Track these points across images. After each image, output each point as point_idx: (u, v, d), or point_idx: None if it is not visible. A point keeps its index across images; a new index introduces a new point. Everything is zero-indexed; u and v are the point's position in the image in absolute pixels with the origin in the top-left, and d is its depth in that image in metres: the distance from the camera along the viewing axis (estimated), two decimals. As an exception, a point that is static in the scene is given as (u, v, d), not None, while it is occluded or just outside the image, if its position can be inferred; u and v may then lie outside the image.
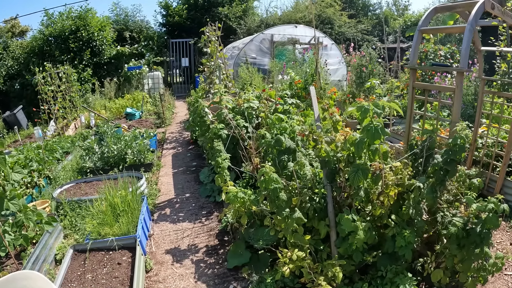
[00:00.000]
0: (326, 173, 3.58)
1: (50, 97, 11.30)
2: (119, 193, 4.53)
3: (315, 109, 3.87)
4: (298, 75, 8.51)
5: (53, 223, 4.17)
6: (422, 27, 4.72)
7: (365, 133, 2.99)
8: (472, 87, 9.74)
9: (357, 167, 3.19)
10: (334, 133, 3.67)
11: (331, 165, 3.54)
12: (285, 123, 4.00)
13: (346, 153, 3.44)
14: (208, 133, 5.52)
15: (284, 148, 3.71)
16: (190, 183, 6.42)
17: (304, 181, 3.59)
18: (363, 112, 2.94)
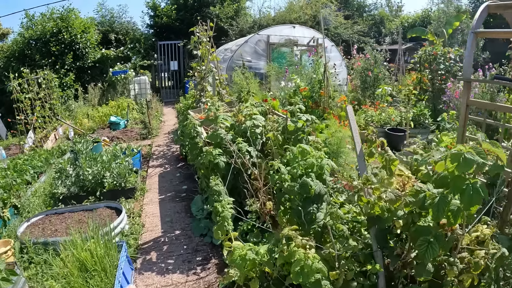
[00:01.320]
0: (375, 233, 2.56)
1: (27, 105, 10.16)
2: (87, 244, 3.43)
3: (356, 140, 2.84)
4: (303, 82, 7.47)
5: (13, 278, 3.13)
6: (476, 29, 3.75)
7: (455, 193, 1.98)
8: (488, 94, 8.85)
9: (428, 234, 2.21)
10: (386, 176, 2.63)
11: (385, 224, 2.52)
12: (312, 157, 2.96)
13: (408, 210, 2.43)
14: (200, 158, 4.47)
15: (312, 196, 2.68)
16: (180, 214, 5.33)
17: (345, 246, 2.56)
18: (462, 165, 1.93)
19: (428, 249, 2.23)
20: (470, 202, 1.99)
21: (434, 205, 2.22)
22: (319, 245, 2.77)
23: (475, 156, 2.01)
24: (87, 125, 11.61)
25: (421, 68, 11.27)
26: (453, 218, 2.11)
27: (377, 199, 2.43)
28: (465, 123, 4.27)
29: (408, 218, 2.52)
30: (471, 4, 22.83)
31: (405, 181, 2.80)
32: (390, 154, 2.77)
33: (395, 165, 2.81)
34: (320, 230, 2.85)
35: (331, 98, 7.05)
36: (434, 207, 2.22)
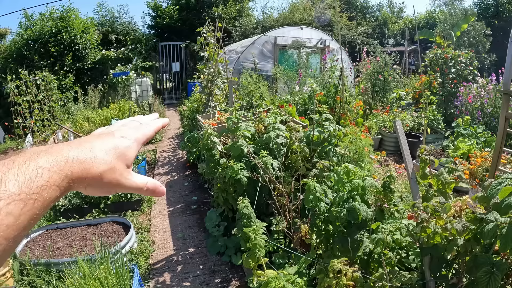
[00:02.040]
0: (429, 263, 2.22)
1: (25, 108, 9.79)
2: (97, 273, 3.06)
3: (408, 160, 2.48)
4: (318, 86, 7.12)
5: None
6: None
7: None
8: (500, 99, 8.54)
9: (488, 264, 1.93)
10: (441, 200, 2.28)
11: (441, 253, 2.18)
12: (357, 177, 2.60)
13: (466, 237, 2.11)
14: (217, 171, 4.11)
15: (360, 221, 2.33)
16: (192, 229, 4.96)
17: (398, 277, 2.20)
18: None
19: (490, 280, 1.98)
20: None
21: (502, 236, 1.94)
22: (365, 275, 2.43)
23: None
24: (87, 129, 11.22)
25: (431, 72, 10.96)
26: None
27: (442, 230, 2.09)
28: (503, 136, 3.96)
29: (467, 246, 2.22)
30: (475, 6, 22.59)
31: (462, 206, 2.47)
32: (446, 177, 2.42)
33: (451, 188, 2.47)
34: (366, 258, 2.50)
35: (347, 103, 6.70)
36: (502, 238, 1.94)
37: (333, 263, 2.19)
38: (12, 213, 0.43)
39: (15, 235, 0.43)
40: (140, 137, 0.68)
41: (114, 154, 0.59)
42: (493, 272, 1.99)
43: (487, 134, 7.56)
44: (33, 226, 0.47)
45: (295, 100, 7.16)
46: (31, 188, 0.45)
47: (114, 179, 0.59)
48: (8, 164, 0.46)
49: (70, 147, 0.55)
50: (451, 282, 2.36)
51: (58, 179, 0.49)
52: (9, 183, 0.44)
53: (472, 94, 9.36)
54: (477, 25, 18.37)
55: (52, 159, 0.50)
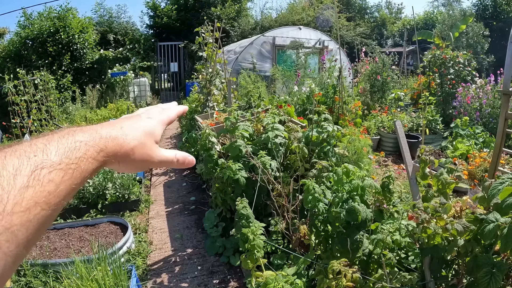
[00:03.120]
0: (429, 264, 2.21)
1: (23, 108, 9.74)
2: (94, 274, 3.03)
3: (408, 161, 2.47)
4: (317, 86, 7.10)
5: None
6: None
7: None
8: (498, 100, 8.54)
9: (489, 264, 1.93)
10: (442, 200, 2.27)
11: (441, 253, 2.16)
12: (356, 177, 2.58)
13: (467, 238, 2.10)
14: (215, 171, 4.09)
15: (359, 222, 2.31)
16: (190, 230, 4.94)
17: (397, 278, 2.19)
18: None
19: (491, 280, 1.98)
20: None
21: (503, 237, 1.94)
22: (365, 276, 2.41)
23: None
24: (85, 129, 11.18)
25: (430, 72, 10.97)
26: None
27: (443, 231, 2.07)
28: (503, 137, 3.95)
29: (468, 246, 2.20)
30: (474, 7, 22.62)
31: (461, 206, 2.45)
32: (446, 177, 2.41)
33: (451, 188, 2.45)
34: (365, 259, 2.49)
35: (345, 103, 6.69)
36: (503, 239, 1.94)
37: (332, 264, 2.18)
38: (54, 180, 0.46)
39: (56, 202, 0.47)
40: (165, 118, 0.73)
41: (143, 131, 0.64)
42: (494, 272, 1.99)
43: (486, 135, 7.56)
44: (71, 196, 0.51)
45: (294, 100, 7.14)
46: (70, 159, 0.50)
47: (145, 154, 0.63)
48: (48, 138, 0.51)
49: (102, 126, 0.59)
50: (451, 283, 2.35)
51: (94, 152, 0.54)
52: (51, 153, 0.48)
53: (470, 94, 9.37)
54: (475, 26, 18.39)
55: (88, 135, 0.54)
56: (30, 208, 0.43)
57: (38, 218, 0.45)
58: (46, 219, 0.46)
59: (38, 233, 0.45)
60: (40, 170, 0.46)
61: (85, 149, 0.52)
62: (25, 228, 0.43)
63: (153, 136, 0.66)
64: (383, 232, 2.38)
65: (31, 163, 0.46)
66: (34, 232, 0.44)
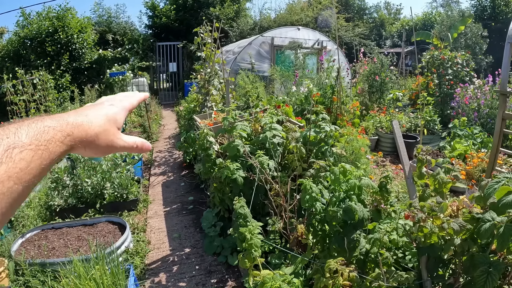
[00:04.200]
0: (427, 263, 2.22)
1: (22, 108, 9.74)
2: (92, 273, 3.03)
3: (404, 160, 2.48)
4: (315, 86, 7.11)
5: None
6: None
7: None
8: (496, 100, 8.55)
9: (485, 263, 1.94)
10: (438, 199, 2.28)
11: (437, 253, 2.18)
12: (353, 177, 2.59)
13: (463, 237, 2.11)
14: (213, 171, 4.10)
15: (357, 221, 2.32)
16: (188, 229, 4.94)
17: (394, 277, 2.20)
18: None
19: (488, 279, 1.99)
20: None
21: (499, 236, 1.96)
22: (362, 275, 2.42)
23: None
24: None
25: (428, 73, 10.99)
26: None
27: (439, 230, 2.08)
28: (500, 137, 3.98)
29: (464, 246, 2.21)
30: (472, 8, 22.65)
31: (458, 206, 2.47)
32: (443, 176, 2.42)
33: (448, 188, 2.46)
34: (363, 258, 2.50)
35: (343, 104, 6.70)
36: (499, 238, 1.95)
37: (329, 263, 2.18)
38: (24, 159, 0.52)
39: (27, 179, 0.52)
40: (127, 105, 0.78)
41: (106, 118, 0.69)
42: (490, 272, 2.00)
43: (484, 135, 7.57)
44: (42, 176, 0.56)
45: (292, 100, 7.15)
46: (40, 141, 0.55)
47: (108, 140, 0.68)
48: (19, 123, 0.56)
49: (69, 114, 0.64)
50: (448, 282, 2.36)
51: (62, 136, 0.59)
52: (21, 136, 0.53)
53: (468, 95, 9.38)
54: (474, 27, 18.41)
55: (55, 121, 0.59)
56: (4, 182, 0.49)
57: (11, 191, 0.50)
58: (18, 195, 0.51)
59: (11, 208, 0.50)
60: (12, 149, 0.51)
61: (53, 133, 0.57)
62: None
63: (116, 123, 0.71)
64: (380, 232, 2.39)
65: (4, 144, 0.51)
66: (8, 205, 0.49)
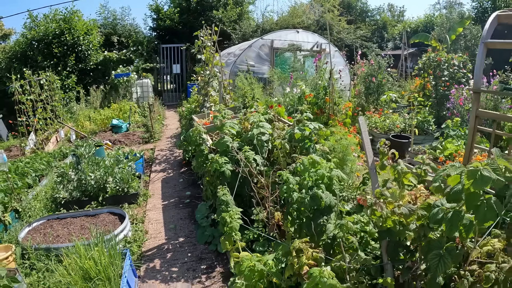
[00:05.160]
0: (387, 247, 2.52)
1: (29, 107, 10.11)
2: (91, 253, 3.37)
3: (368, 153, 2.79)
4: (308, 88, 7.42)
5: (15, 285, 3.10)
6: (487, 39, 3.73)
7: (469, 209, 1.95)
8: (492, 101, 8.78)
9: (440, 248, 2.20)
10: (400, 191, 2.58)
11: (396, 237, 2.47)
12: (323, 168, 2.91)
13: (420, 223, 2.39)
14: (205, 165, 4.42)
15: (323, 207, 2.63)
16: (184, 221, 5.28)
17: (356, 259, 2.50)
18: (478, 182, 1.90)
19: (440, 263, 2.22)
20: (484, 218, 1.96)
21: (447, 220, 2.20)
22: (329, 257, 2.71)
23: (492, 173, 1.96)
24: (89, 128, 11.57)
25: (425, 75, 11.24)
26: (465, 233, 2.10)
27: (391, 213, 2.38)
28: (474, 133, 4.22)
29: (420, 231, 2.48)
30: (474, 10, 22.85)
31: (417, 194, 2.76)
32: (403, 167, 2.72)
33: (408, 177, 2.76)
34: (330, 242, 2.80)
35: (336, 104, 7.00)
36: (448, 222, 2.20)
37: (294, 243, 2.49)
38: None
39: None
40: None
41: None
42: (443, 255, 2.22)
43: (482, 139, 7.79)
44: None
45: (286, 101, 7.46)
46: None
47: None
48: None
49: None
50: (406, 265, 2.61)
51: None
52: None
53: (463, 96, 9.60)
54: (473, 29, 18.61)
55: None
56: None
57: None
58: None
59: None
60: None
61: None
62: None
63: None
64: (345, 218, 2.69)
65: None
66: None
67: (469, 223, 2.12)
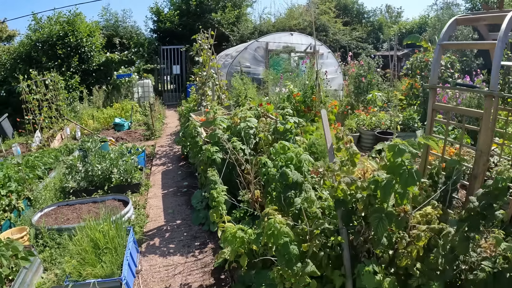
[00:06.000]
0: (342, 215, 3.09)
1: (35, 106, 10.70)
2: (101, 226, 3.98)
3: (328, 138, 3.38)
4: (297, 87, 8.02)
5: (31, 258, 3.67)
6: (443, 41, 4.27)
7: (396, 177, 2.52)
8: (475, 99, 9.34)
9: (381, 212, 2.73)
10: (350, 167, 3.17)
11: (348, 206, 3.05)
12: (291, 151, 3.50)
13: (366, 193, 2.96)
14: (200, 155, 5.01)
15: (291, 183, 3.21)
16: (181, 207, 5.89)
17: (316, 224, 3.08)
18: (396, 153, 2.47)
19: (379, 224, 2.72)
20: (406, 183, 2.51)
21: (381, 188, 2.74)
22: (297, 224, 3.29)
23: (408, 147, 2.54)
24: (92, 126, 12.17)
25: (413, 74, 11.80)
26: (400, 199, 2.65)
27: (338, 183, 2.96)
28: (431, 124, 4.75)
29: (366, 200, 3.03)
30: (467, 11, 23.41)
31: (364, 170, 3.35)
32: (354, 149, 3.30)
33: (358, 157, 3.32)
34: (298, 212, 3.37)
35: (322, 103, 7.58)
36: (381, 189, 2.72)
37: (265, 210, 3.07)
38: None
39: None
40: None
41: None
42: (382, 217, 2.79)
43: (457, 132, 8.33)
44: None
45: (276, 100, 8.05)
46: None
47: None
48: None
49: None
50: (356, 229, 3.17)
51: None
52: None
53: (446, 94, 10.16)
54: (465, 30, 19.17)
55: None
56: None
57: None
58: None
59: None
60: None
61: None
62: None
63: None
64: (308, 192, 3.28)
65: None
66: None
67: (402, 192, 2.69)
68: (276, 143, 4.63)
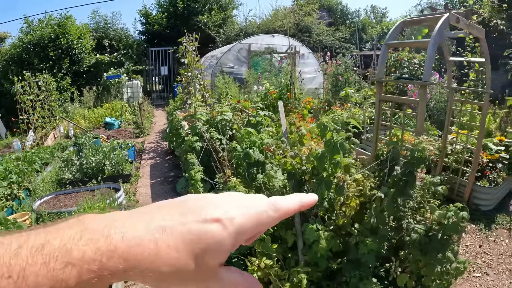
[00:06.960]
0: (293, 185, 3.78)
1: (29, 106, 11.25)
2: (97, 205, 4.65)
3: (283, 123, 4.08)
4: (274, 86, 8.73)
5: None
6: (389, 41, 4.94)
7: (326, 148, 3.21)
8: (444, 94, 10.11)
9: (321, 179, 3.41)
10: (300, 146, 3.87)
11: (297, 177, 3.74)
12: (254, 136, 4.21)
13: (310, 166, 3.65)
14: (183, 145, 5.68)
15: (253, 161, 3.91)
16: (167, 193, 6.56)
17: (271, 192, 3.78)
18: (322, 130, 3.17)
19: (318, 188, 3.36)
20: (332, 152, 3.21)
21: (317, 159, 3.42)
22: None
23: (330, 124, 3.24)
24: (84, 125, 12.74)
25: (388, 72, 12.55)
26: (334, 168, 3.35)
27: (285, 158, 3.66)
28: (379, 114, 5.39)
29: (311, 171, 3.72)
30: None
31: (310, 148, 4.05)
32: (303, 132, 4.00)
33: (306, 139, 4.04)
34: (259, 186, 4.06)
35: (297, 99, 8.29)
36: (317, 160, 3.40)
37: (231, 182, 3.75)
38: None
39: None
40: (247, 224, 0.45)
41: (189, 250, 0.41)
42: (320, 183, 3.48)
43: (427, 125, 9.04)
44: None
45: (255, 97, 8.77)
46: None
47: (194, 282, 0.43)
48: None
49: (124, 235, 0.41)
50: None
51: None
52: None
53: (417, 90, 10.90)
54: (443, 31, 20.03)
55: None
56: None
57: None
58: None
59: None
60: None
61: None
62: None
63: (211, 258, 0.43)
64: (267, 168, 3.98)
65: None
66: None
67: (336, 162, 3.39)
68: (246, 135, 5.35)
